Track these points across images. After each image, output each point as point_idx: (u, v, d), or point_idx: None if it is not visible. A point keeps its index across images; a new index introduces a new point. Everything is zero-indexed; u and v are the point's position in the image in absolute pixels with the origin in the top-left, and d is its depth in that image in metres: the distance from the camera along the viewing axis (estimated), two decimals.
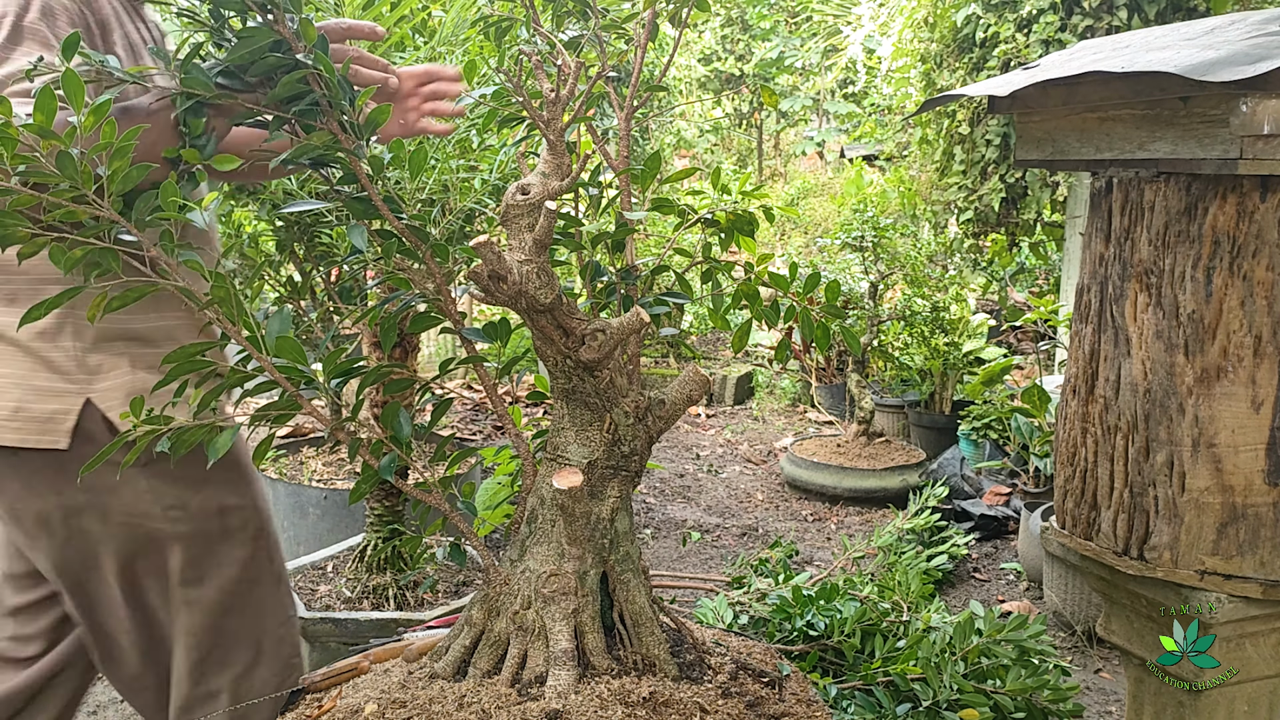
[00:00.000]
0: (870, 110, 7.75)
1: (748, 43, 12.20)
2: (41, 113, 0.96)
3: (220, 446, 1.16)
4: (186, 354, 1.13)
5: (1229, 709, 1.43)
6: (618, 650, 1.22)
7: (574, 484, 1.12)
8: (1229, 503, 1.34)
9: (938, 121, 4.44)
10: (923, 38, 4.52)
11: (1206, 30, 1.33)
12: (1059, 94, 1.45)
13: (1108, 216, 1.43)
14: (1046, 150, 1.51)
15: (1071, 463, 1.51)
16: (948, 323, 4.48)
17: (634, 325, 1.12)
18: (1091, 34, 3.76)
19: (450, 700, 1.15)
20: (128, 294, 1.13)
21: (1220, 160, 1.22)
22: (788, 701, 1.25)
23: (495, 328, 1.25)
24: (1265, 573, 1.35)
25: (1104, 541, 1.46)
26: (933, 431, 4.56)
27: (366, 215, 1.20)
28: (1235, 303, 1.30)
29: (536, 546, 1.21)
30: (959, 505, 3.76)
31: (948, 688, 2.17)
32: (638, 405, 1.22)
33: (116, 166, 1.02)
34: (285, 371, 1.16)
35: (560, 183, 1.15)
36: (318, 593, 2.56)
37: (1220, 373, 1.31)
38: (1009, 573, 3.45)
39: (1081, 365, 1.48)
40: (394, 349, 2.08)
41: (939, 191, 4.56)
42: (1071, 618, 2.95)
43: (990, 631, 2.28)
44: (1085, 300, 1.48)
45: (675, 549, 3.67)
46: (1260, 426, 1.32)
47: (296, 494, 3.00)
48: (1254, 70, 1.13)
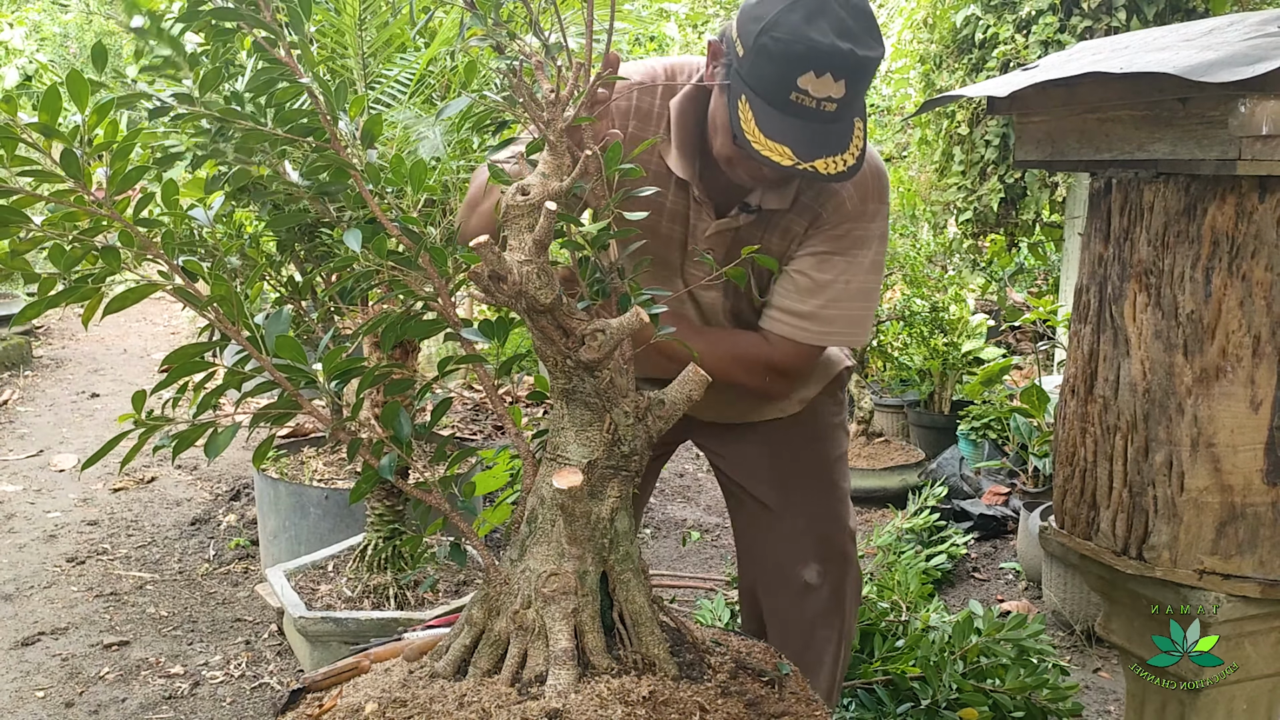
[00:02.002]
0: (869, 111, 7.75)
1: None
2: (46, 112, 0.96)
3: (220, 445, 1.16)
4: (186, 354, 1.13)
5: (1228, 708, 1.43)
6: (618, 650, 1.22)
7: (574, 484, 1.12)
8: (1228, 502, 1.34)
9: (937, 122, 4.45)
10: (922, 38, 4.53)
11: (1205, 31, 1.33)
12: (1058, 95, 1.45)
13: (1107, 217, 1.43)
14: (1046, 151, 1.51)
15: (1070, 462, 1.52)
16: (947, 323, 4.48)
17: (633, 325, 1.13)
18: (1090, 35, 3.77)
19: (450, 699, 1.15)
20: (126, 294, 1.13)
21: (1219, 161, 1.22)
22: (787, 701, 1.26)
23: (494, 327, 1.26)
24: (1264, 572, 1.35)
25: (1103, 541, 1.46)
26: (932, 431, 4.56)
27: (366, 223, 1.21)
28: (1234, 303, 1.30)
29: (536, 546, 1.22)
30: (958, 505, 3.76)
31: (947, 687, 2.17)
32: (638, 405, 1.22)
33: (118, 167, 1.02)
34: (285, 371, 1.16)
35: (560, 183, 1.15)
36: (318, 592, 2.56)
37: (1219, 373, 1.32)
38: (1008, 572, 3.45)
39: (1080, 365, 1.49)
40: (394, 349, 2.08)
41: (938, 192, 4.56)
42: (1070, 617, 2.96)
43: (989, 631, 2.28)
44: (1084, 300, 1.49)
45: (675, 549, 3.67)
46: (1259, 426, 1.32)
47: (297, 494, 3.00)
48: (1252, 71, 1.13)
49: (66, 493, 4.03)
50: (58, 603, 3.08)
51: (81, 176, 1.00)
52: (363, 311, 2.09)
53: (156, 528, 3.70)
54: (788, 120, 1.40)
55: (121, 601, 3.10)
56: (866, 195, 1.64)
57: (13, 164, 0.97)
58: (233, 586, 3.24)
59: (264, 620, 2.98)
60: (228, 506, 3.92)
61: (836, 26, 1.37)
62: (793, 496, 1.88)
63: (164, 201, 1.09)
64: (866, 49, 1.40)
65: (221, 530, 3.69)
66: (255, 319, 1.17)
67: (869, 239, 1.65)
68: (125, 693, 2.58)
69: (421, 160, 1.23)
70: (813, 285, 1.63)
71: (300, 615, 2.38)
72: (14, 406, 5.25)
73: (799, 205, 1.63)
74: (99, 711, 2.49)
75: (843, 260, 1.64)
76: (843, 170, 1.43)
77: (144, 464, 4.32)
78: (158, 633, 2.91)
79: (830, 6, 1.39)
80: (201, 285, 1.18)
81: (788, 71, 1.38)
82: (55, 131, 0.97)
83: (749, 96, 1.42)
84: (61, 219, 1.04)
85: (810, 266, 1.64)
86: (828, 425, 1.94)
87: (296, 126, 1.15)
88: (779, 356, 1.66)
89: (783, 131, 1.40)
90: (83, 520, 3.74)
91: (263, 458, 1.31)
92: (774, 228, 1.65)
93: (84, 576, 3.27)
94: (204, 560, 3.44)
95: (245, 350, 1.16)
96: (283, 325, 1.17)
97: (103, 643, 2.82)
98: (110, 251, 1.09)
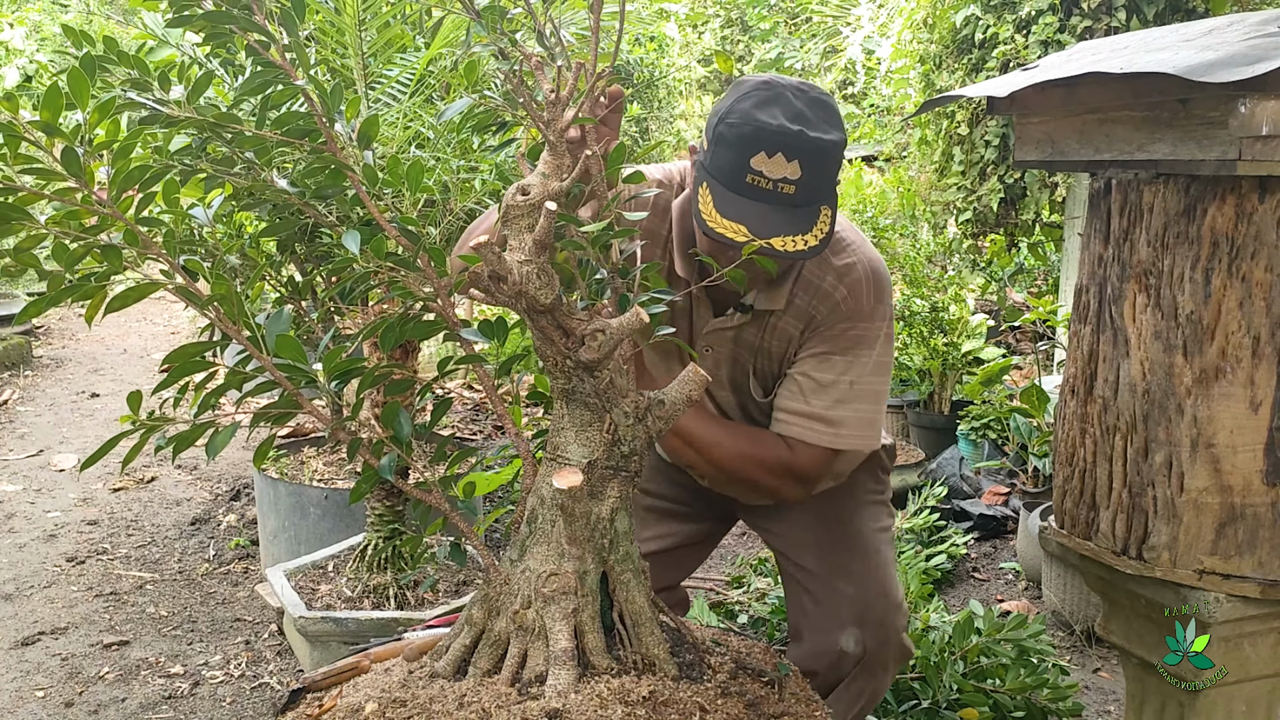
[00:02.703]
0: (869, 111, 7.75)
1: (748, 44, 12.20)
2: (47, 110, 0.96)
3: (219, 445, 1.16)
4: (187, 354, 1.13)
5: (1227, 708, 1.43)
6: (617, 650, 1.22)
7: (574, 484, 1.12)
8: (1227, 503, 1.34)
9: (936, 122, 4.45)
10: (921, 39, 4.53)
11: (1205, 31, 1.33)
12: (1058, 95, 1.45)
13: (1106, 217, 1.43)
14: (1045, 151, 1.51)
15: (1070, 463, 1.52)
16: (946, 323, 4.49)
17: (633, 325, 1.13)
18: (1090, 35, 3.77)
19: (450, 699, 1.15)
20: (128, 293, 1.13)
21: (1219, 161, 1.22)
22: (787, 701, 1.26)
23: (493, 326, 1.26)
24: (1263, 572, 1.35)
25: (1103, 541, 1.46)
26: (931, 431, 4.55)
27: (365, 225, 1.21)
28: (1234, 304, 1.30)
29: (536, 546, 1.22)
30: (958, 505, 3.77)
31: (947, 687, 2.18)
32: (637, 405, 1.22)
33: (120, 166, 1.02)
34: (286, 371, 1.16)
35: (560, 183, 1.15)
36: (318, 592, 2.56)
37: (1219, 373, 1.32)
38: (1008, 572, 3.45)
39: (1080, 366, 1.49)
40: (394, 349, 2.08)
41: (938, 192, 4.56)
42: (1070, 617, 2.96)
43: (989, 631, 2.28)
44: (1084, 301, 1.49)
45: None
46: (1258, 427, 1.32)
47: (297, 494, 3.00)
48: (1252, 71, 1.13)
49: (66, 492, 4.03)
50: (58, 602, 3.08)
51: (83, 175, 1.00)
52: (363, 312, 2.09)
53: (156, 527, 3.70)
54: (744, 201, 1.45)
55: (121, 601, 3.10)
56: (861, 294, 1.65)
57: (15, 162, 0.97)
58: (233, 586, 3.24)
59: (264, 620, 2.98)
60: (228, 506, 3.92)
61: (788, 112, 1.45)
62: (834, 562, 1.83)
63: (165, 201, 1.09)
64: (819, 132, 1.45)
65: (221, 530, 3.69)
66: (256, 319, 1.17)
67: (870, 339, 1.66)
68: (125, 692, 2.58)
69: (419, 161, 1.23)
70: (815, 386, 1.64)
71: (300, 615, 2.38)
72: (14, 406, 5.25)
73: (794, 308, 1.67)
74: (99, 711, 2.49)
75: (843, 360, 1.65)
76: (803, 249, 1.45)
77: (144, 464, 4.32)
78: (158, 632, 2.91)
79: (784, 95, 1.47)
80: (202, 284, 1.18)
81: (741, 153, 1.45)
82: (57, 130, 0.97)
83: (709, 183, 1.48)
84: (64, 217, 1.04)
85: (812, 368, 1.66)
86: (868, 500, 1.92)
87: (293, 129, 1.16)
88: (796, 459, 1.65)
89: (740, 212, 1.44)
90: (83, 520, 3.74)
91: (263, 458, 1.31)
92: (771, 330, 1.69)
93: (84, 576, 3.27)
94: (204, 560, 3.44)
95: (246, 350, 1.16)
96: (283, 325, 1.17)
97: (103, 642, 2.82)
98: (112, 250, 1.09)
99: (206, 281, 1.17)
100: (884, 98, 6.60)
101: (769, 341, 1.70)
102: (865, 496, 1.92)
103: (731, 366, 1.75)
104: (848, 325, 1.65)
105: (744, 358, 1.73)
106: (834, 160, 1.50)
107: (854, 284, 1.65)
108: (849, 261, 1.66)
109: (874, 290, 1.67)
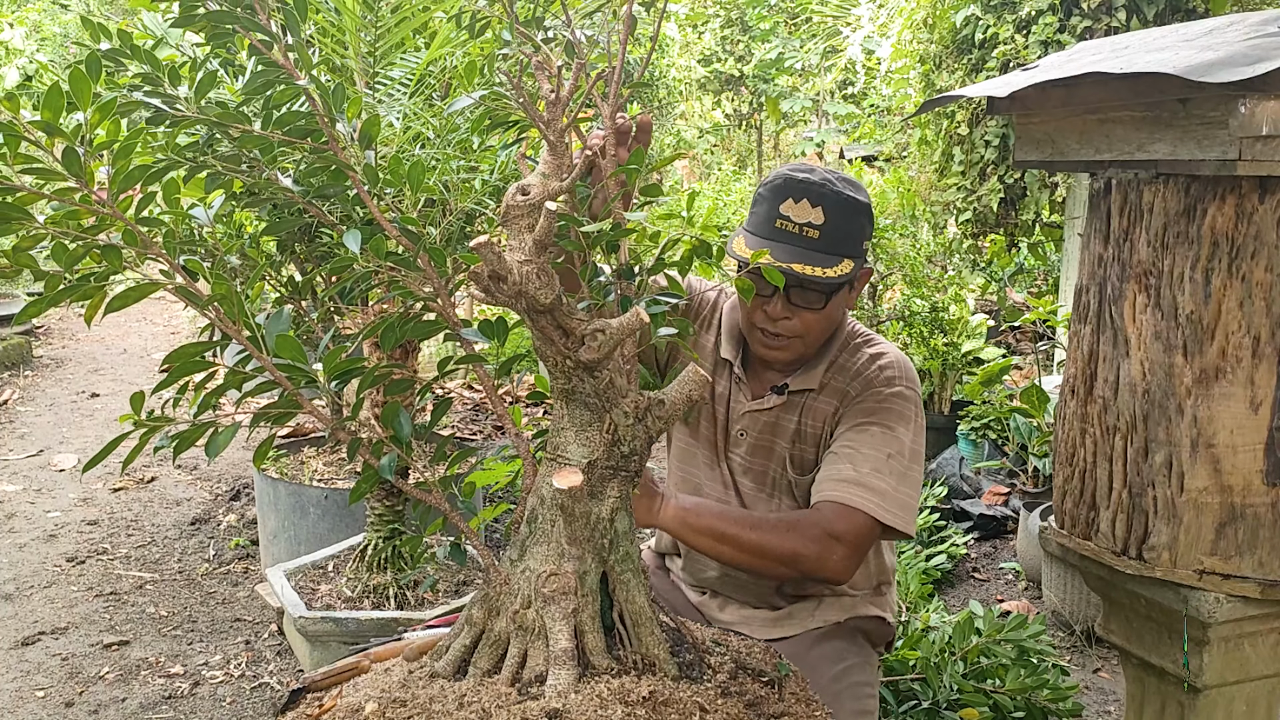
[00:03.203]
0: (869, 111, 7.75)
1: (748, 44, 12.20)
2: (48, 109, 0.96)
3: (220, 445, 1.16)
4: (187, 354, 1.13)
5: (1227, 709, 1.43)
6: (617, 650, 1.22)
7: (574, 484, 1.12)
8: (1227, 503, 1.34)
9: (936, 122, 4.45)
10: (922, 39, 4.53)
11: (1205, 31, 1.33)
12: (1058, 95, 1.45)
13: (1106, 217, 1.43)
14: (1045, 151, 1.51)
15: (1070, 463, 1.52)
16: (947, 323, 4.49)
17: (633, 325, 1.13)
18: (1090, 35, 3.77)
19: (450, 699, 1.15)
20: (128, 293, 1.13)
21: (1219, 161, 1.22)
22: (787, 701, 1.26)
23: (493, 326, 1.26)
24: (1263, 573, 1.35)
25: (1103, 541, 1.46)
26: (931, 431, 4.54)
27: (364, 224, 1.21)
28: (1234, 304, 1.30)
29: (536, 546, 1.22)
30: (958, 505, 3.77)
31: (947, 687, 2.18)
32: (637, 405, 1.22)
33: (120, 165, 1.02)
34: (286, 371, 1.16)
35: (560, 183, 1.15)
36: (318, 592, 2.56)
37: (1219, 373, 1.32)
38: (1008, 572, 3.45)
39: (1080, 366, 1.49)
40: (394, 349, 2.08)
41: (938, 192, 4.56)
42: (1070, 617, 2.96)
43: (989, 631, 2.28)
44: (1084, 301, 1.49)
45: None
46: (1258, 427, 1.32)
47: (297, 494, 3.00)
48: (1252, 71, 1.13)
49: (66, 492, 4.03)
50: (58, 602, 3.08)
51: (83, 175, 1.00)
52: (363, 312, 2.09)
53: (156, 527, 3.70)
54: (773, 243, 1.64)
55: (121, 601, 3.10)
56: (894, 375, 1.74)
57: (15, 161, 0.97)
58: (233, 586, 3.24)
59: (264, 620, 2.98)
60: (228, 506, 3.92)
61: (818, 174, 1.67)
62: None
63: (165, 201, 1.09)
64: (844, 189, 1.66)
65: (221, 530, 3.69)
66: (256, 319, 1.17)
67: (904, 415, 1.71)
68: (125, 692, 2.58)
69: (419, 161, 1.23)
70: (854, 453, 1.68)
71: (300, 615, 2.38)
72: (14, 406, 5.25)
73: (828, 388, 1.77)
74: (99, 711, 2.49)
75: (879, 429, 1.69)
76: (821, 276, 1.61)
77: (144, 464, 4.32)
78: (158, 632, 2.91)
79: (816, 168, 1.69)
80: (202, 284, 1.18)
81: (772, 202, 1.66)
82: (57, 129, 0.97)
83: (744, 235, 1.70)
84: (64, 217, 1.04)
85: (849, 439, 1.70)
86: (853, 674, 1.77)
87: (295, 129, 1.16)
88: (836, 524, 1.63)
89: (769, 248, 1.62)
90: (83, 520, 3.74)
91: (263, 458, 1.31)
92: (806, 411, 1.77)
93: (84, 576, 3.27)
94: (204, 560, 3.44)
95: (246, 350, 1.16)
96: (283, 325, 1.17)
97: (103, 642, 2.83)
98: (112, 250, 1.09)
99: (206, 281, 1.16)
100: (884, 98, 6.60)
101: (805, 423, 1.77)
102: (850, 662, 1.79)
103: (766, 456, 1.80)
104: (879, 392, 1.72)
105: (781, 447, 1.79)
106: (858, 216, 1.67)
107: (886, 364, 1.75)
108: (881, 349, 1.79)
109: (905, 376, 1.75)
